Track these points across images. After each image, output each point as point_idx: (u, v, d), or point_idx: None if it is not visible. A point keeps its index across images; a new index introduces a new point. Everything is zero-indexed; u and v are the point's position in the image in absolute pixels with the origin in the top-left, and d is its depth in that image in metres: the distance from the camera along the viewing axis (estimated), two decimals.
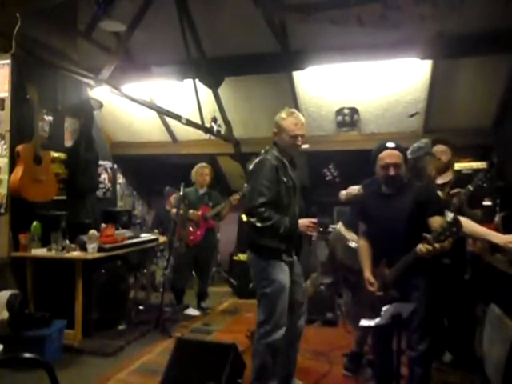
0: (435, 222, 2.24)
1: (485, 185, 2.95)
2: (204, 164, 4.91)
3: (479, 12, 3.96)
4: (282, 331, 2.53)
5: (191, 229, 4.67)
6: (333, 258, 3.34)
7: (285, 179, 2.60)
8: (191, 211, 4.68)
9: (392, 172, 2.35)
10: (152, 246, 4.68)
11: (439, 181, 3.18)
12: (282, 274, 2.56)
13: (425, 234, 2.11)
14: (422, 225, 2.24)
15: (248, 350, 3.32)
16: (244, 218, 4.75)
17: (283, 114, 2.68)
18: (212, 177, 4.90)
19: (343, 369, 3.14)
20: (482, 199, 3.37)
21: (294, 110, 2.73)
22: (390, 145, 2.39)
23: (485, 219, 3.20)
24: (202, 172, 4.81)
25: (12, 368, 2.79)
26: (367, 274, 2.47)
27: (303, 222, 2.62)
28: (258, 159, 2.67)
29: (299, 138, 2.64)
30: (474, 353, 3.11)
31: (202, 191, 4.83)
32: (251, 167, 2.69)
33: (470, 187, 2.96)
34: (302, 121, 2.68)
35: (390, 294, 2.33)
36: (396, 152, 2.37)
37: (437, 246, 2.08)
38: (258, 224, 2.51)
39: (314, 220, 2.62)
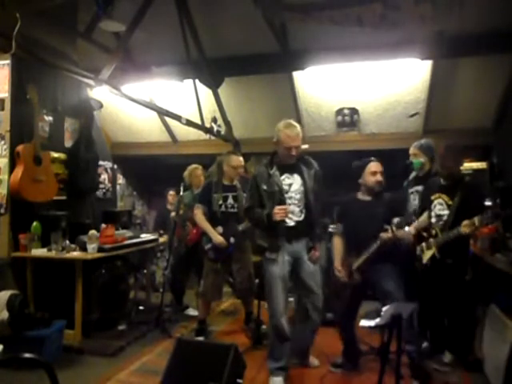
0: None
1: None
2: (195, 165, 4.91)
3: (479, 12, 3.95)
4: (279, 316, 2.82)
5: (188, 228, 4.66)
6: None
7: (264, 186, 2.88)
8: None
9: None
10: (152, 246, 4.68)
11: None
12: (275, 265, 2.84)
13: (386, 226, 2.76)
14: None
15: (248, 350, 3.32)
16: None
17: (281, 126, 2.88)
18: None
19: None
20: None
21: (291, 121, 2.92)
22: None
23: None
24: (195, 174, 4.82)
25: (12, 368, 2.79)
26: (336, 263, 3.03)
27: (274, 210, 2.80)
28: None
29: (293, 150, 2.86)
30: (474, 353, 3.11)
31: (196, 191, 4.82)
32: None
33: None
34: (297, 132, 2.87)
35: (353, 279, 2.90)
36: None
37: (396, 232, 2.71)
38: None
39: (283, 206, 2.79)
